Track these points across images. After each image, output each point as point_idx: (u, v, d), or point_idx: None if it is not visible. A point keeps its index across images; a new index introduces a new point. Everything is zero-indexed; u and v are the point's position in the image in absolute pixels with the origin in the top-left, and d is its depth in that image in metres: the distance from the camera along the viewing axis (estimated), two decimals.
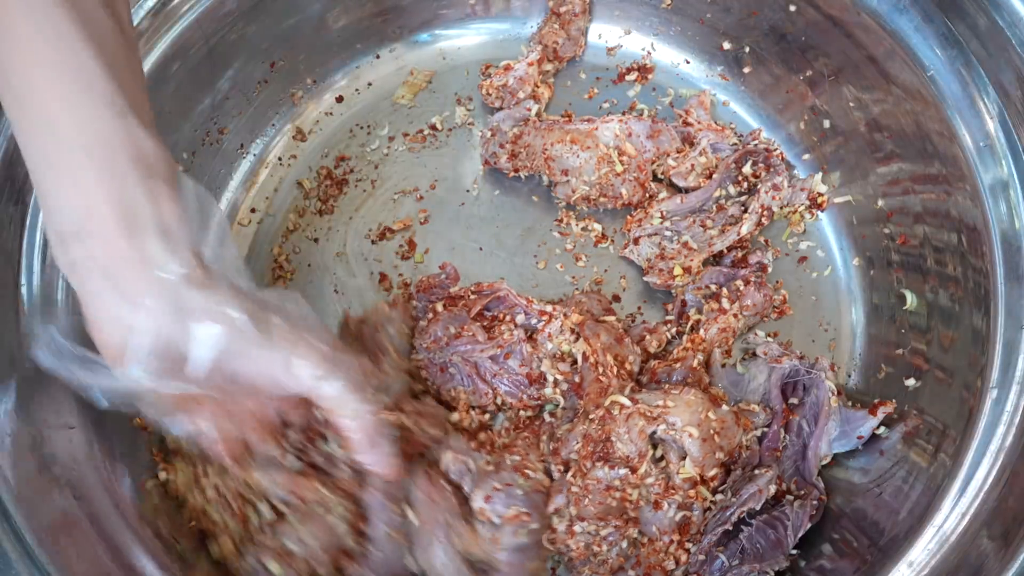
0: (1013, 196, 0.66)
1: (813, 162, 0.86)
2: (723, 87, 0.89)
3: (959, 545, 0.62)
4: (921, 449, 0.70)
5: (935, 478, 0.66)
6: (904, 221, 0.78)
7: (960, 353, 0.70)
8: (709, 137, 0.84)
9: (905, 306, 0.77)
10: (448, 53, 0.92)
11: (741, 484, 0.68)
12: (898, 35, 0.70)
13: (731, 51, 0.86)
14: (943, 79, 0.68)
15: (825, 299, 0.83)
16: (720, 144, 0.84)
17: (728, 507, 0.67)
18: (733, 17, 0.83)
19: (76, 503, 0.63)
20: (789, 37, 0.81)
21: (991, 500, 0.62)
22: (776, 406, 0.73)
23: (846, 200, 0.84)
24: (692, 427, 0.66)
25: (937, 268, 0.74)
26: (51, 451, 0.63)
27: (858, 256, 0.83)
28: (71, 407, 0.65)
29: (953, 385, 0.70)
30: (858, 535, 0.70)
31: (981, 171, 0.67)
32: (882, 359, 0.80)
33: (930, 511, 0.64)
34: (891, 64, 0.72)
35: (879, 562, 0.65)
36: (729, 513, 0.67)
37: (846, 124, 0.81)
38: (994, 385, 0.65)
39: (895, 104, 0.75)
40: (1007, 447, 0.63)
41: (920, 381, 0.74)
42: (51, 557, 0.58)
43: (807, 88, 0.83)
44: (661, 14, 0.86)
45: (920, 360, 0.75)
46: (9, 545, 0.58)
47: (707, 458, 0.67)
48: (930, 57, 0.69)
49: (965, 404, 0.67)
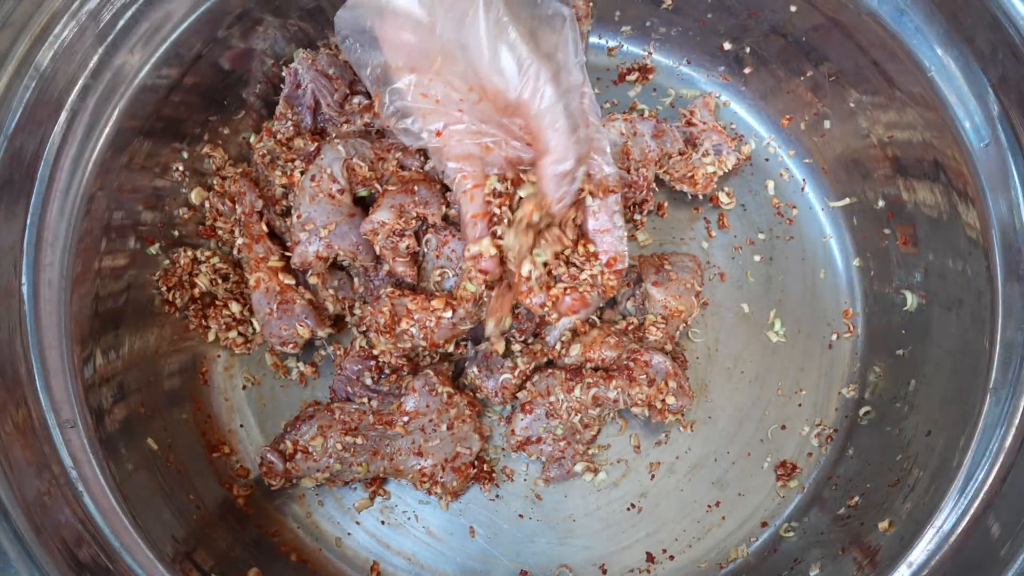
0: (1013, 196, 0.66)
1: (813, 162, 0.86)
2: (724, 87, 0.89)
3: (959, 545, 0.62)
4: (921, 449, 0.70)
5: (935, 478, 0.66)
6: (904, 222, 0.78)
7: (960, 354, 0.70)
8: (712, 139, 0.84)
9: (905, 306, 0.77)
10: None
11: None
12: (899, 36, 0.70)
13: (732, 52, 0.86)
14: (943, 79, 0.68)
15: (825, 299, 0.83)
16: (722, 146, 0.84)
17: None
18: (734, 18, 0.83)
19: (76, 503, 0.63)
20: (790, 38, 0.81)
21: (991, 500, 0.62)
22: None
23: (846, 201, 0.84)
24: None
25: (937, 268, 0.74)
26: (52, 448, 0.63)
27: (858, 256, 0.83)
28: (71, 406, 0.65)
29: (953, 386, 0.70)
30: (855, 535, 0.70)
31: (981, 171, 0.67)
32: (882, 360, 0.80)
33: (930, 511, 0.64)
34: (891, 65, 0.72)
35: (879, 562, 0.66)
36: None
37: (846, 124, 0.81)
38: (994, 385, 0.65)
39: (895, 104, 0.75)
40: (1007, 447, 0.63)
41: (920, 381, 0.74)
42: (51, 557, 0.59)
43: (808, 89, 0.83)
44: (662, 15, 0.86)
45: (920, 360, 0.75)
46: (9, 545, 0.58)
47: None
48: (930, 57, 0.69)
49: (965, 404, 0.67)
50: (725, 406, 0.81)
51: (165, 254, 0.78)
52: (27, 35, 0.62)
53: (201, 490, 0.75)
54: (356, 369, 0.77)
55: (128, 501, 0.65)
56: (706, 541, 0.78)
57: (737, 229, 0.86)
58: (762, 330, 0.83)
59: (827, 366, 0.82)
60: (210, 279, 0.79)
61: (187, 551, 0.68)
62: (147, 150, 0.74)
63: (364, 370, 0.77)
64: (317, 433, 0.75)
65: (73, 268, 0.67)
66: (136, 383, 0.73)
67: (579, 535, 0.78)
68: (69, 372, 0.65)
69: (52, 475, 0.62)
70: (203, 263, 0.79)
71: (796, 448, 0.80)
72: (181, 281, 0.78)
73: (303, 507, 0.79)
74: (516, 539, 0.79)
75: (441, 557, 0.78)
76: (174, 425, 0.76)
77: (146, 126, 0.72)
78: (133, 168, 0.73)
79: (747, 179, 0.87)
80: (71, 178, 0.66)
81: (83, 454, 0.64)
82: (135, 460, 0.69)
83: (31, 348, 0.64)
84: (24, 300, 0.64)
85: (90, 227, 0.68)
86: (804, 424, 0.81)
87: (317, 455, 0.74)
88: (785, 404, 0.81)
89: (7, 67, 0.61)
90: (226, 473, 0.78)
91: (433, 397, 0.75)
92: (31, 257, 0.65)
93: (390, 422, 0.75)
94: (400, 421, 0.75)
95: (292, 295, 0.76)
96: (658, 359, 0.74)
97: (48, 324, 0.65)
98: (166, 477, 0.72)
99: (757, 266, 0.84)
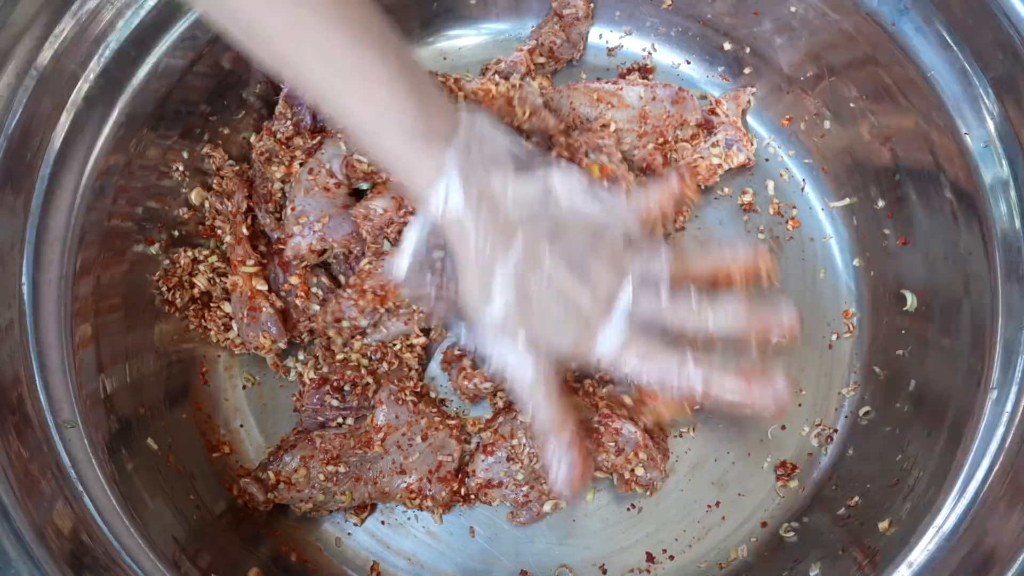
0: (1013, 196, 0.66)
1: (813, 162, 0.86)
2: (724, 88, 0.89)
3: (959, 545, 0.62)
4: (921, 449, 0.70)
5: (935, 478, 0.66)
6: (904, 222, 0.78)
7: (960, 354, 0.70)
8: (728, 132, 0.83)
9: (905, 306, 0.77)
10: (448, 53, 0.92)
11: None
12: (899, 35, 0.70)
13: (732, 51, 0.86)
14: (943, 79, 0.68)
15: (825, 299, 0.83)
16: (735, 142, 0.83)
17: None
18: (734, 18, 0.83)
19: (76, 501, 0.63)
20: (790, 38, 0.81)
21: (991, 500, 0.62)
22: None
23: (846, 201, 0.84)
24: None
25: (937, 268, 0.74)
26: (52, 448, 0.63)
27: (858, 256, 0.83)
28: (71, 406, 0.65)
29: (953, 386, 0.70)
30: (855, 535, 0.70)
31: (981, 171, 0.67)
32: (882, 360, 0.80)
33: (930, 511, 0.64)
34: (892, 65, 0.72)
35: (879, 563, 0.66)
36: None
37: (846, 125, 0.81)
38: (994, 385, 0.65)
39: (895, 104, 0.75)
40: (1007, 447, 0.63)
41: (920, 382, 0.74)
42: (51, 556, 0.58)
43: (808, 89, 0.83)
44: (662, 14, 0.86)
45: (920, 361, 0.75)
46: (9, 545, 0.58)
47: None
48: (930, 57, 0.69)
49: (965, 404, 0.67)
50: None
51: (165, 254, 0.78)
52: (27, 35, 0.62)
53: (201, 490, 0.75)
54: (316, 400, 0.76)
55: (128, 501, 0.65)
56: (706, 541, 0.78)
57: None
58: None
59: (827, 366, 0.82)
60: (208, 278, 0.79)
61: (187, 551, 0.68)
62: (147, 150, 0.74)
63: (324, 396, 0.76)
64: (300, 464, 0.74)
65: (73, 268, 0.67)
66: (136, 383, 0.73)
67: (579, 535, 0.78)
68: (69, 372, 0.65)
69: (52, 475, 0.62)
70: (202, 262, 0.79)
71: (796, 448, 0.80)
72: (181, 281, 0.78)
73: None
74: (516, 539, 0.78)
75: (441, 557, 0.78)
76: (174, 425, 0.76)
77: (146, 126, 0.72)
78: (133, 168, 0.73)
79: (747, 179, 0.87)
80: (71, 178, 0.66)
81: (83, 454, 0.64)
82: (135, 460, 0.69)
83: (31, 348, 0.64)
84: (24, 300, 0.64)
85: (90, 227, 0.68)
86: (804, 424, 0.81)
87: (301, 486, 0.74)
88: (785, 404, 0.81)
89: (7, 67, 0.61)
90: (226, 473, 0.78)
91: (400, 407, 0.74)
92: (31, 257, 0.65)
93: (368, 442, 0.74)
94: (377, 439, 0.74)
95: (260, 302, 0.76)
96: (629, 429, 0.72)
97: (48, 324, 0.65)
98: (166, 477, 0.72)
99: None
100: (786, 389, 0.64)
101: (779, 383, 0.64)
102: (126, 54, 0.68)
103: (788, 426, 0.81)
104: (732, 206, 0.86)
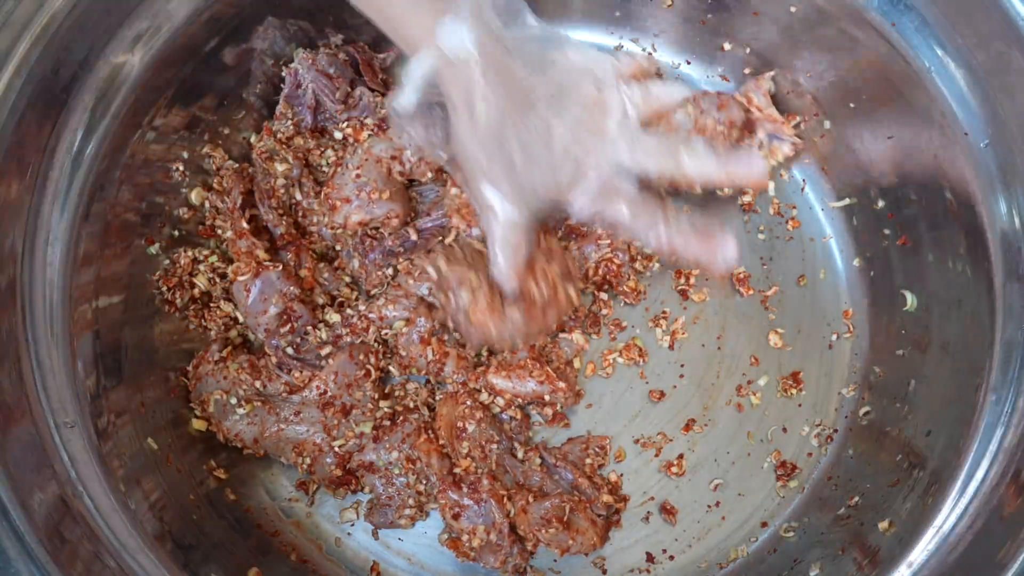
0: (1013, 196, 0.66)
1: (813, 162, 0.86)
2: (724, 88, 0.89)
3: (959, 545, 0.62)
4: (921, 449, 0.70)
5: (935, 478, 0.67)
6: (904, 221, 0.78)
7: (960, 354, 0.70)
8: (766, 128, 0.83)
9: (905, 306, 0.77)
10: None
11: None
12: (899, 35, 0.70)
13: (732, 52, 0.86)
14: (943, 79, 0.69)
15: (825, 299, 0.83)
16: (775, 135, 0.83)
17: None
18: (734, 18, 0.83)
19: (76, 501, 0.63)
20: (790, 38, 0.81)
21: (991, 500, 0.62)
22: None
23: (846, 201, 0.84)
24: None
25: (937, 268, 0.74)
26: (52, 448, 0.63)
27: (858, 256, 0.83)
28: (71, 406, 0.65)
29: (953, 386, 0.70)
30: None
31: (981, 171, 0.67)
32: (882, 360, 0.80)
33: (930, 511, 0.64)
34: (892, 64, 0.72)
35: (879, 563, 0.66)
36: None
37: (847, 124, 0.81)
38: (994, 385, 0.65)
39: (896, 104, 0.75)
40: (1007, 447, 0.63)
41: (920, 381, 0.74)
42: (51, 556, 0.58)
43: (808, 89, 0.83)
44: (662, 15, 0.86)
45: (920, 361, 0.75)
46: (9, 544, 0.58)
47: None
48: (930, 57, 0.69)
49: (965, 404, 0.67)
50: (725, 407, 0.81)
51: (165, 254, 0.78)
52: (27, 35, 0.62)
53: (201, 490, 0.75)
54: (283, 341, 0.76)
55: (128, 501, 0.65)
56: (706, 541, 0.78)
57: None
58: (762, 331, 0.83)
59: (827, 366, 0.82)
60: (208, 278, 0.79)
61: (187, 551, 0.68)
62: (147, 150, 0.74)
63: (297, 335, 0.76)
64: (230, 360, 0.78)
65: (73, 268, 0.67)
66: (136, 383, 0.73)
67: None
68: (69, 372, 0.65)
69: (52, 475, 0.62)
70: (202, 263, 0.79)
71: (796, 448, 0.80)
72: (181, 281, 0.78)
73: (303, 507, 0.79)
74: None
75: (441, 557, 0.78)
76: (174, 425, 0.76)
77: (146, 126, 0.72)
78: (133, 168, 0.73)
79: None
80: (71, 178, 0.66)
81: (83, 454, 0.64)
82: (135, 460, 0.69)
83: (31, 348, 0.64)
84: (24, 300, 0.64)
85: (90, 227, 0.68)
86: (804, 424, 0.81)
87: (215, 372, 0.76)
88: (785, 404, 0.81)
89: (7, 67, 0.61)
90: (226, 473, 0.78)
91: (352, 370, 0.75)
92: (31, 257, 0.65)
93: (299, 390, 0.77)
94: (312, 387, 0.76)
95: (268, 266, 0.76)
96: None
97: (48, 324, 0.65)
98: (166, 477, 0.72)
99: (757, 266, 0.84)
100: (735, 251, 0.69)
101: (731, 246, 0.69)
102: (125, 54, 0.68)
103: (788, 426, 0.81)
104: (732, 206, 0.86)
